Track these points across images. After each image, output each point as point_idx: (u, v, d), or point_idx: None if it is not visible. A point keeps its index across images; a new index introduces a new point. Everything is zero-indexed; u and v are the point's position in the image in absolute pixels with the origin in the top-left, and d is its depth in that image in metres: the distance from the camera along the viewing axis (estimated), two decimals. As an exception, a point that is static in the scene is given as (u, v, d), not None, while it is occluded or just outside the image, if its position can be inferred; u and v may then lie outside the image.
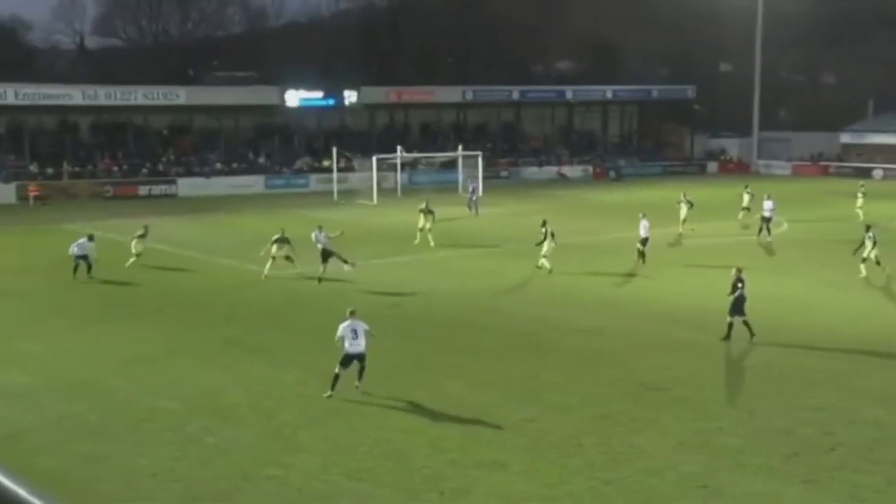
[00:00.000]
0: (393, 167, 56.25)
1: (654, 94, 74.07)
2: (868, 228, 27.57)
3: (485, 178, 55.94)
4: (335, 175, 54.44)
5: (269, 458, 13.16)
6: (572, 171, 68.28)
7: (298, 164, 60.56)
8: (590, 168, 69.37)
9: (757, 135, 76.47)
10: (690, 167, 73.49)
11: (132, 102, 56.08)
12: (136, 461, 13.07)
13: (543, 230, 28.14)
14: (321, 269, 26.81)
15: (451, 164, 59.00)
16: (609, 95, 72.35)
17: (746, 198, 39.96)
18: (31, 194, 51.06)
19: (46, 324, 21.90)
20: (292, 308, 23.58)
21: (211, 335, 20.72)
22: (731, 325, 19.78)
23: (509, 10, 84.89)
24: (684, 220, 36.28)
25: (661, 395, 16.22)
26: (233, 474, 12.60)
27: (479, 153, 56.84)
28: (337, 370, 15.87)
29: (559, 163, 69.02)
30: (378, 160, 52.65)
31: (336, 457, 13.18)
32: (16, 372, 17.83)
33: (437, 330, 21.16)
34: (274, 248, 27.46)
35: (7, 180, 52.37)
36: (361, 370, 16.04)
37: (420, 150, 63.27)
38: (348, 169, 58.51)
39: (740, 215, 39.49)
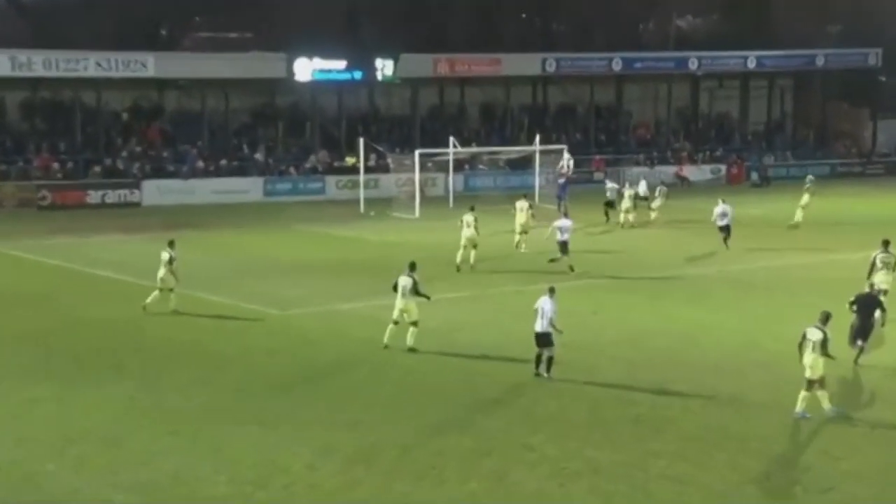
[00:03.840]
0: (443, 166, 56.34)
1: (819, 61, 73.38)
2: (886, 245, 28.13)
3: (573, 181, 55.63)
4: (362, 177, 54.91)
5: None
6: (697, 172, 67.90)
7: (312, 161, 61.25)
8: (722, 168, 69.09)
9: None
10: (872, 167, 72.51)
11: (81, 74, 57.15)
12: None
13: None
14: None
15: (524, 163, 59.01)
16: (752, 65, 71.90)
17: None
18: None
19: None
20: (305, 367, 23.77)
21: (187, 400, 20.96)
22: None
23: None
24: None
25: (826, 499, 16.03)
26: None
27: (565, 147, 56.75)
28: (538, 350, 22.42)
29: (678, 161, 68.80)
30: (422, 157, 52.97)
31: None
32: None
33: (497, 393, 21.18)
34: (173, 268, 28.45)
35: None
36: (548, 360, 22.21)
37: (481, 143, 63.31)
38: (381, 168, 58.86)
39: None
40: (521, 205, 40.45)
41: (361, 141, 55.17)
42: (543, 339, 22.24)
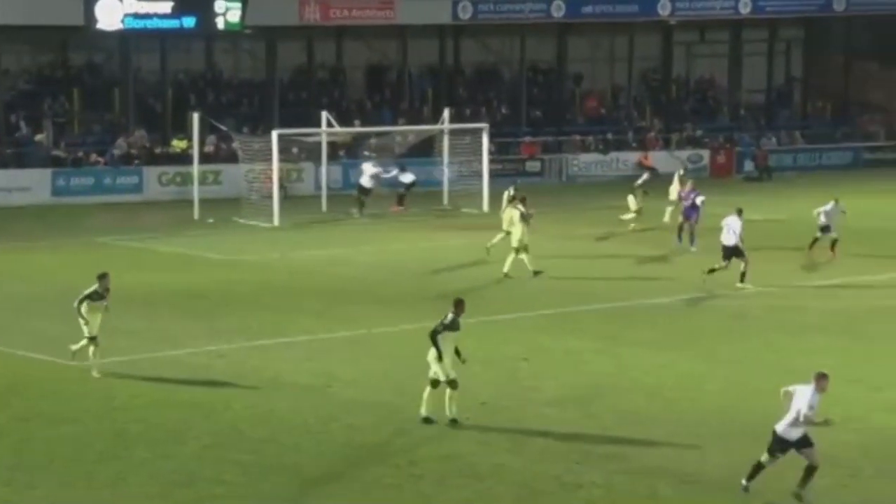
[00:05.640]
0: (313, 153, 56.16)
1: (839, 4, 73.80)
2: None
3: (497, 174, 55.79)
4: (197, 169, 54.54)
5: None
6: (669, 160, 68.18)
7: (122, 146, 60.53)
8: (704, 155, 69.82)
9: None
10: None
11: None
12: None
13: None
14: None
15: (426, 148, 58.95)
16: (745, 9, 72.43)
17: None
18: None
19: None
20: (108, 443, 23.24)
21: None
22: None
23: None
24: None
25: None
26: None
27: (485, 125, 56.94)
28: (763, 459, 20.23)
29: (643, 144, 69.38)
30: (283, 139, 52.76)
31: None
32: None
33: (388, 475, 21.09)
34: (84, 309, 27.84)
35: None
36: (808, 471, 19.88)
37: (367, 120, 63.12)
38: (224, 156, 58.69)
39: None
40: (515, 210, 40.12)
41: (195, 117, 54.68)
42: (783, 443, 20.19)
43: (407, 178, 54.42)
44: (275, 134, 52.37)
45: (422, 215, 52.31)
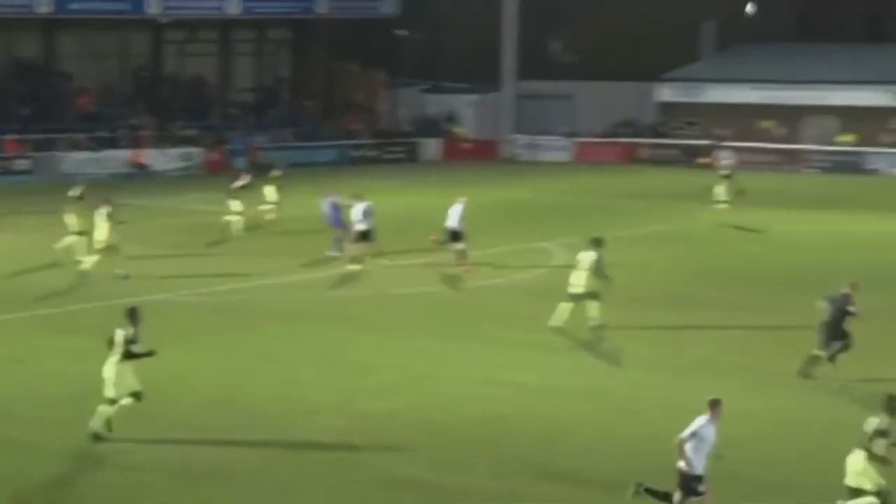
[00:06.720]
0: None
1: (321, 8, 76.22)
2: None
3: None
4: None
5: None
6: (162, 158, 68.82)
7: None
8: (194, 153, 70.49)
9: (513, 87, 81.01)
10: (392, 150, 75.93)
11: None
12: None
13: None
14: None
15: None
16: (235, 10, 73.45)
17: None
18: None
19: None
20: None
21: None
22: None
23: None
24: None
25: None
26: None
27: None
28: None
29: (135, 142, 69.46)
30: None
31: None
32: None
33: None
34: None
35: None
36: None
37: None
38: None
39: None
40: (99, 211, 38.38)
41: None
42: (687, 477, 18.07)
43: None
44: None
45: None
